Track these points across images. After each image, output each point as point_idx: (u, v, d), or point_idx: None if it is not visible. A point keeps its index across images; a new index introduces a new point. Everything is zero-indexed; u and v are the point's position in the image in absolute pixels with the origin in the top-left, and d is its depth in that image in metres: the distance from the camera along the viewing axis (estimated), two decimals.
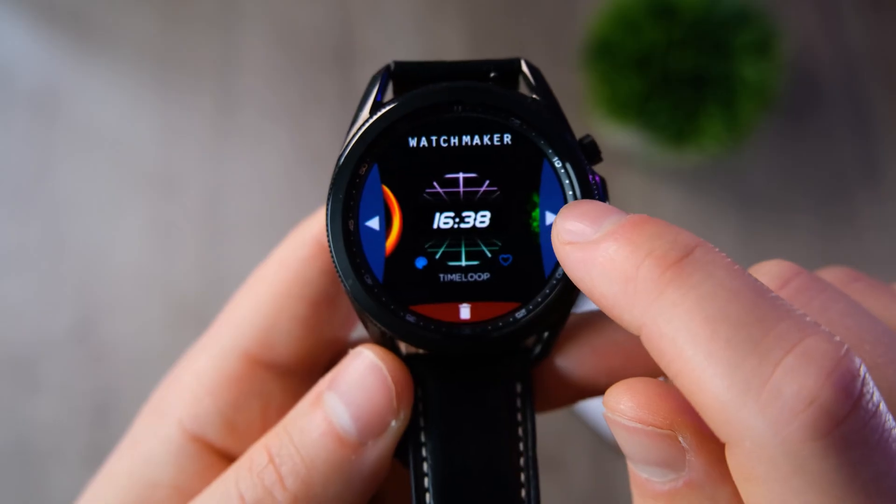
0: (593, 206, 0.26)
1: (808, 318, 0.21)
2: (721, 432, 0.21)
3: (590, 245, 0.25)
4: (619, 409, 0.25)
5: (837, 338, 0.20)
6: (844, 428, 0.20)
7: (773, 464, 0.20)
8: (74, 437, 0.81)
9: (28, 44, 0.92)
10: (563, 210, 0.27)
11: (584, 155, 0.29)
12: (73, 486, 0.80)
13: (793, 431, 0.20)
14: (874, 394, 0.20)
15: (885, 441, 0.20)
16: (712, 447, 0.24)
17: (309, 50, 0.93)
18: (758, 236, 0.88)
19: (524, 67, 0.31)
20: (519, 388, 0.30)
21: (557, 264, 0.29)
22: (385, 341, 0.30)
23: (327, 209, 0.29)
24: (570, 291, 0.29)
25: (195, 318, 0.84)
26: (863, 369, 0.20)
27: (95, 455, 0.80)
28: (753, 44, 0.81)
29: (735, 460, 0.21)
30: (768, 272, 0.28)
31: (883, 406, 0.20)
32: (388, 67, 0.30)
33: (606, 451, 0.81)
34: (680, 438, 0.24)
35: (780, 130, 0.90)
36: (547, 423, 0.32)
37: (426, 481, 0.29)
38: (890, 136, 0.91)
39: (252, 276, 0.34)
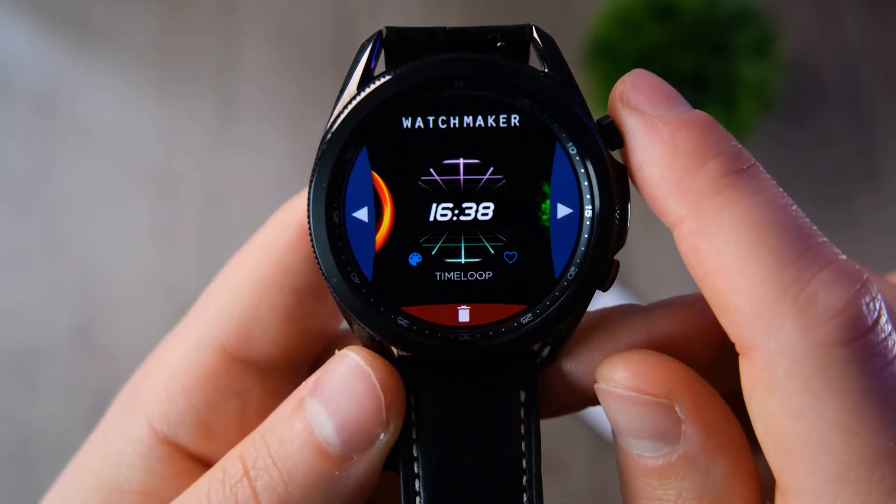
0: (662, 85, 0.26)
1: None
2: (746, 335, 0.22)
3: (657, 121, 0.25)
4: (615, 378, 0.25)
5: (858, 266, 0.22)
6: (867, 339, 0.21)
7: (796, 365, 0.21)
8: (74, 437, 0.81)
9: (28, 44, 0.92)
10: (631, 77, 0.26)
11: (603, 139, 0.26)
12: None
13: (821, 334, 0.21)
14: (887, 318, 0.22)
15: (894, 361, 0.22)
16: (708, 418, 0.24)
17: (309, 50, 0.93)
18: None
19: (536, 35, 0.27)
20: (523, 396, 0.27)
21: (568, 264, 0.26)
22: (374, 344, 0.27)
23: (309, 198, 0.26)
24: (583, 294, 0.26)
25: None
26: (880, 295, 0.22)
27: None
28: (753, 44, 0.81)
29: (754, 367, 0.22)
30: None
31: (890, 328, 0.22)
32: (379, 34, 0.27)
33: (607, 452, 0.80)
34: (676, 408, 0.24)
35: (779, 130, 0.90)
36: (547, 423, 0.31)
37: (418, 501, 0.27)
38: (890, 137, 0.91)
39: (230, 262, 0.31)
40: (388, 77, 0.26)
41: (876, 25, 0.94)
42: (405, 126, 0.26)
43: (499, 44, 0.27)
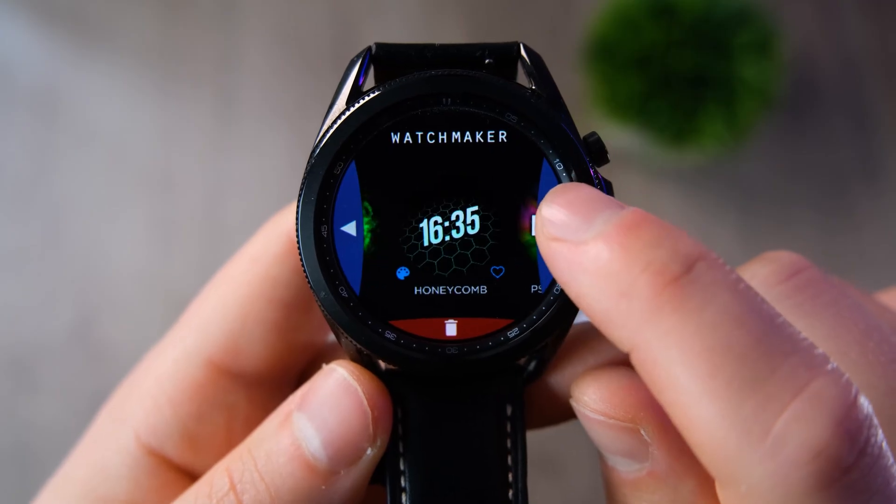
0: (584, 193, 0.23)
1: (817, 351, 0.20)
2: (714, 471, 0.20)
3: (579, 246, 0.22)
4: (583, 400, 0.25)
5: (846, 376, 0.19)
6: (850, 476, 0.19)
7: None
8: (73, 437, 0.81)
9: (28, 43, 0.92)
10: (550, 195, 0.24)
11: (589, 156, 0.26)
12: None
13: (797, 482, 0.19)
14: (878, 435, 0.20)
15: (887, 483, 0.20)
16: (675, 442, 0.24)
17: (309, 49, 0.93)
18: (758, 236, 0.88)
19: (523, 53, 0.28)
20: (510, 410, 0.27)
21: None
22: (362, 357, 0.27)
23: (297, 212, 0.26)
24: (569, 309, 0.26)
25: None
26: (868, 410, 0.19)
27: None
28: (753, 44, 0.81)
29: (726, 498, 0.21)
30: (778, 260, 0.27)
31: (885, 445, 0.20)
32: (368, 50, 0.27)
33: None
34: (642, 432, 0.24)
35: (779, 130, 0.90)
36: None
37: None
38: (890, 136, 0.91)
39: (219, 274, 0.31)
40: (377, 93, 0.26)
41: (876, 25, 0.94)
42: (394, 141, 0.26)
43: (487, 61, 0.28)
